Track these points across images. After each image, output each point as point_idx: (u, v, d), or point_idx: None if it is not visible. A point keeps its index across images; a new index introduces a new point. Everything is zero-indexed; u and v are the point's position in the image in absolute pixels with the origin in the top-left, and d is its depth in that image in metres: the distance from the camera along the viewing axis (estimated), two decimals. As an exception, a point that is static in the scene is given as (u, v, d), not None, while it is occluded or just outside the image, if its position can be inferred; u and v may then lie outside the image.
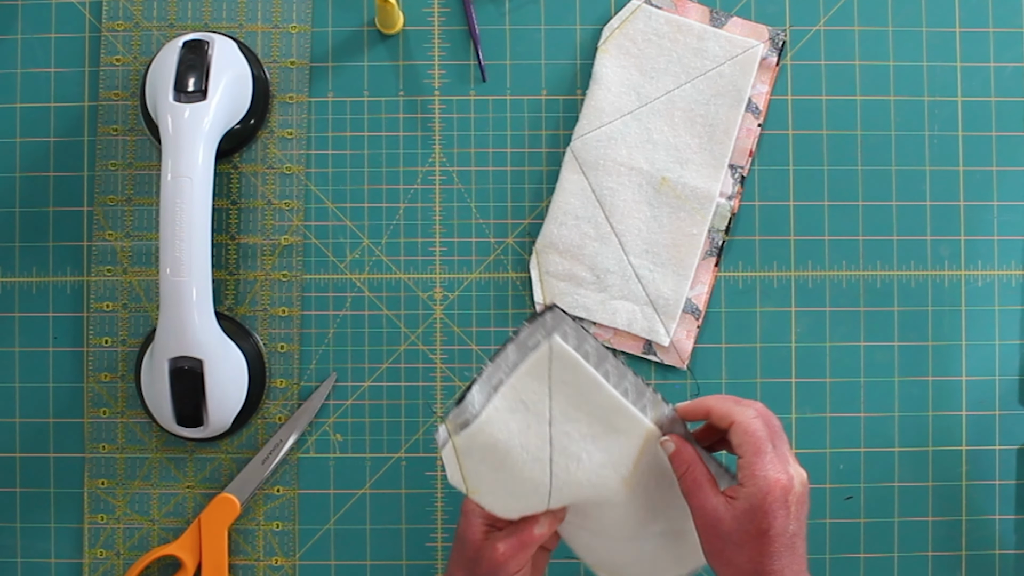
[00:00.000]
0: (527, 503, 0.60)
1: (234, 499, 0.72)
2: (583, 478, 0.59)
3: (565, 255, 0.73)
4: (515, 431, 0.59)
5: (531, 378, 0.59)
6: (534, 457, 0.59)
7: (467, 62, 0.75)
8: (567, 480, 0.59)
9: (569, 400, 0.59)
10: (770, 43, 0.74)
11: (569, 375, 0.59)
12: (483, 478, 0.60)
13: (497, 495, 0.60)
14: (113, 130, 0.74)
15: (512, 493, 0.60)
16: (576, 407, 0.59)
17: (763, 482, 0.56)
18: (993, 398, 0.74)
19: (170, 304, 0.66)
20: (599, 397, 0.59)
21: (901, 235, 0.74)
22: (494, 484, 0.60)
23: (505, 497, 0.60)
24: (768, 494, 0.56)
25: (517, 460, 0.59)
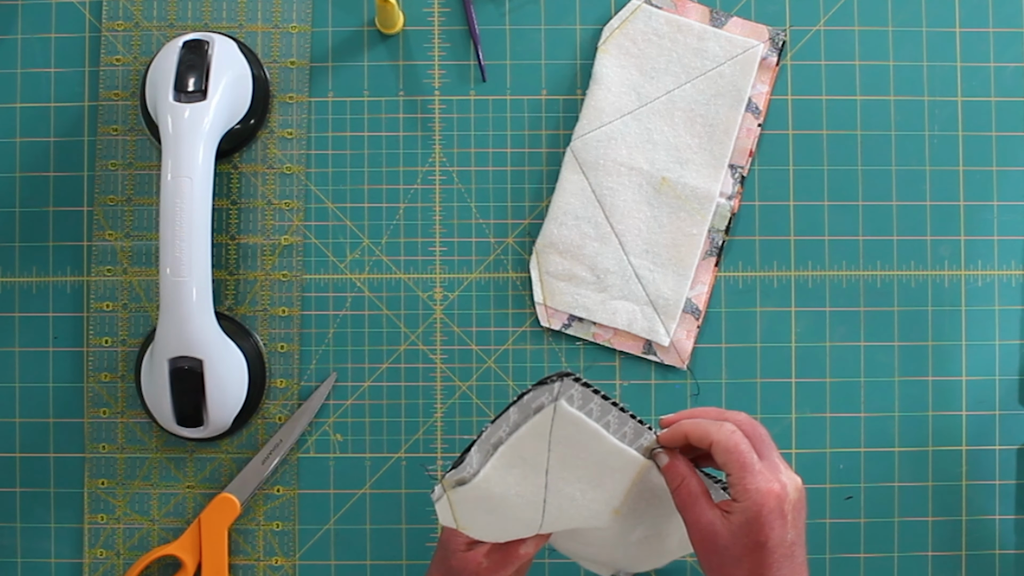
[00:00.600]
0: (517, 533, 0.61)
1: (234, 499, 0.72)
2: (575, 513, 0.59)
3: (565, 255, 0.73)
4: (511, 483, 0.58)
5: (532, 437, 0.58)
6: (528, 502, 0.59)
7: (467, 62, 0.75)
8: (559, 516, 0.59)
9: (568, 451, 0.58)
10: (770, 43, 0.74)
11: (571, 430, 0.58)
12: (476, 520, 0.59)
13: (489, 530, 0.60)
14: (113, 130, 0.74)
15: (504, 529, 0.60)
16: (575, 456, 0.58)
17: (756, 495, 0.55)
18: (993, 398, 0.74)
19: (170, 304, 0.66)
20: (599, 446, 0.58)
21: (901, 235, 0.74)
22: (486, 524, 0.60)
23: (497, 531, 0.60)
24: (763, 506, 0.55)
25: (512, 505, 0.59)
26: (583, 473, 0.59)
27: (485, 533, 0.60)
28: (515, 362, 0.74)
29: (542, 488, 0.59)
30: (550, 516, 0.59)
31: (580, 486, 0.59)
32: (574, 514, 0.59)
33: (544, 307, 0.73)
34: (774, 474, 0.56)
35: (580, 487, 0.59)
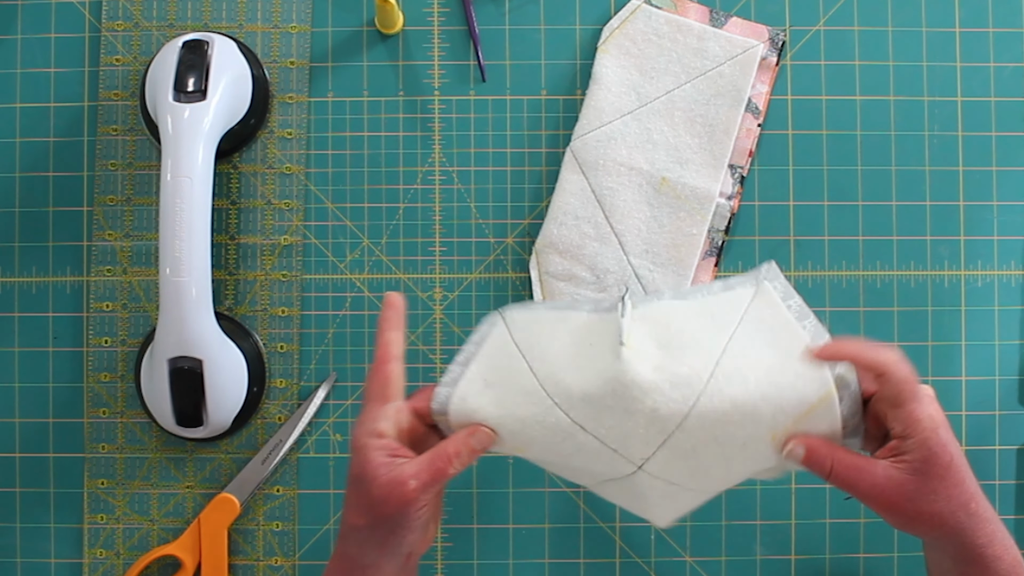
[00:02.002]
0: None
1: (234, 499, 0.72)
2: (735, 396, 0.54)
3: (565, 255, 0.73)
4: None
5: (727, 303, 0.57)
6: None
7: (467, 62, 0.75)
8: (712, 405, 0.55)
9: (755, 329, 0.56)
10: (770, 43, 0.74)
11: (767, 316, 0.57)
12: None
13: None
14: (113, 130, 0.74)
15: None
16: (760, 335, 0.56)
17: (929, 421, 0.54)
18: (993, 398, 0.74)
19: (170, 304, 0.66)
20: (788, 337, 0.56)
21: (901, 235, 0.74)
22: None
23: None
24: (937, 429, 0.54)
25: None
26: (764, 359, 0.55)
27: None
28: (515, 362, 0.74)
29: (716, 355, 0.56)
30: (717, 382, 0.55)
31: (754, 373, 0.55)
32: (733, 398, 0.55)
33: (544, 307, 0.73)
34: (927, 396, 0.55)
35: (755, 375, 0.55)
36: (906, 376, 0.55)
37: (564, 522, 0.73)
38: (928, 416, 0.54)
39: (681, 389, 0.55)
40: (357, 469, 0.56)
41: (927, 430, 0.54)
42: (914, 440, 0.54)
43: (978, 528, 0.55)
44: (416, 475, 0.55)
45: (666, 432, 0.55)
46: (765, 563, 0.73)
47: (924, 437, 0.54)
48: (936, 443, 0.54)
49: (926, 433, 0.54)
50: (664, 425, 0.55)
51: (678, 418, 0.55)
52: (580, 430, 0.56)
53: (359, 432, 0.57)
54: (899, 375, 0.55)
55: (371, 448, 0.56)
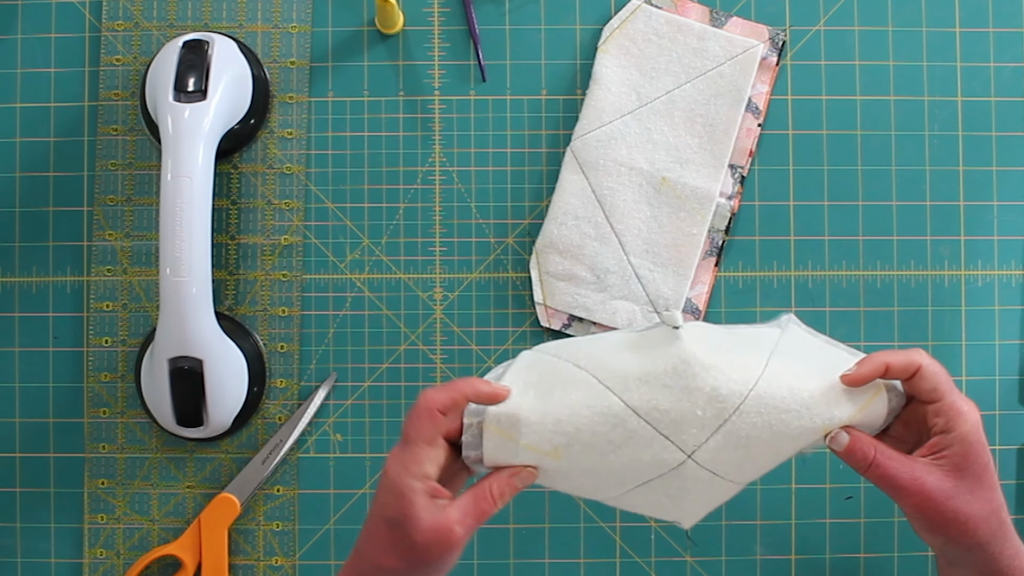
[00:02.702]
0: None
1: (234, 499, 0.72)
2: (792, 385, 0.54)
3: (565, 255, 0.73)
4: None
5: (761, 335, 0.58)
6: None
7: (467, 62, 0.75)
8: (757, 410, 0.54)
9: (794, 350, 0.57)
10: (770, 43, 0.74)
11: (800, 344, 0.57)
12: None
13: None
14: (113, 130, 0.74)
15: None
16: (800, 353, 0.57)
17: (971, 415, 0.53)
18: (993, 398, 0.74)
19: (170, 304, 0.66)
20: (825, 355, 0.57)
21: (901, 235, 0.74)
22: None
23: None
24: (975, 425, 0.53)
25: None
26: (801, 370, 0.55)
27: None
28: (515, 362, 0.74)
29: (758, 372, 0.55)
30: (773, 370, 0.55)
31: (794, 381, 0.55)
32: (772, 401, 0.54)
33: (544, 307, 0.73)
34: (962, 393, 0.55)
35: (795, 382, 0.55)
36: (939, 370, 0.54)
37: (564, 522, 0.73)
38: (969, 410, 0.54)
39: (740, 372, 0.54)
40: (396, 512, 0.53)
41: (969, 423, 0.53)
42: (956, 434, 0.53)
43: (1007, 539, 0.55)
44: (461, 520, 0.53)
45: (724, 415, 0.54)
46: (765, 563, 0.73)
47: (966, 431, 0.53)
48: (977, 439, 0.53)
49: (968, 427, 0.53)
50: (723, 407, 0.54)
51: (737, 399, 0.54)
52: (633, 415, 0.55)
53: (400, 472, 0.54)
54: (933, 369, 0.54)
55: (416, 491, 0.53)
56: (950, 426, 0.54)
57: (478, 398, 0.55)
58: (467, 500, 0.54)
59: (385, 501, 0.54)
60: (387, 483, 0.54)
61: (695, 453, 0.55)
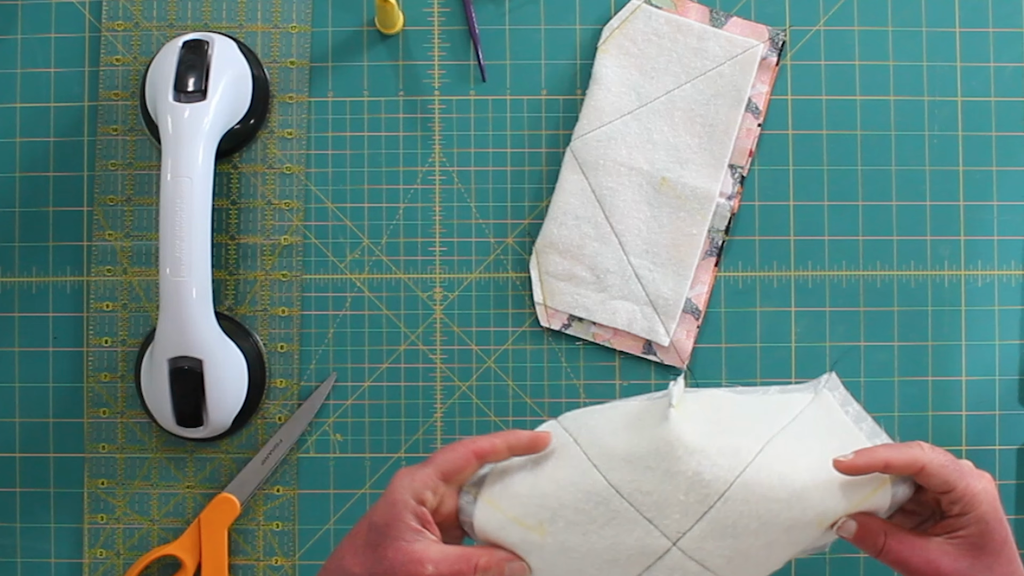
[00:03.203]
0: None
1: (234, 499, 0.72)
2: (784, 473, 0.53)
3: (565, 255, 0.73)
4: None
5: (785, 404, 0.57)
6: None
7: (467, 62, 0.75)
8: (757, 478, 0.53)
9: (811, 426, 0.56)
10: (770, 43, 0.74)
11: (823, 417, 0.57)
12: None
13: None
14: (113, 130, 0.74)
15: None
16: (815, 431, 0.56)
17: (985, 495, 0.53)
18: (993, 398, 0.74)
19: (170, 304, 0.66)
20: (844, 434, 0.56)
21: (901, 235, 0.74)
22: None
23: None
24: (993, 503, 0.53)
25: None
26: (815, 448, 0.54)
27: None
28: (515, 362, 0.74)
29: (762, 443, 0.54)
30: (766, 457, 0.53)
31: (803, 459, 0.54)
32: (776, 482, 0.53)
33: (544, 307, 0.73)
34: (975, 471, 0.54)
35: (802, 460, 0.54)
36: (943, 461, 0.54)
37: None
38: (984, 490, 0.54)
39: (728, 458, 0.53)
40: (382, 519, 0.54)
41: (985, 503, 0.53)
42: (973, 515, 0.53)
43: None
44: (437, 564, 0.53)
45: (708, 502, 0.52)
46: (765, 563, 0.73)
47: (983, 512, 0.53)
48: (994, 518, 0.54)
49: (984, 508, 0.53)
50: (706, 493, 0.52)
51: (721, 486, 0.52)
52: (615, 495, 0.54)
53: (403, 486, 0.54)
54: (937, 463, 0.54)
55: (408, 508, 0.54)
56: (966, 510, 0.53)
57: (518, 446, 0.56)
58: (452, 551, 0.54)
59: (378, 506, 0.54)
60: (388, 492, 0.54)
61: (680, 541, 0.53)
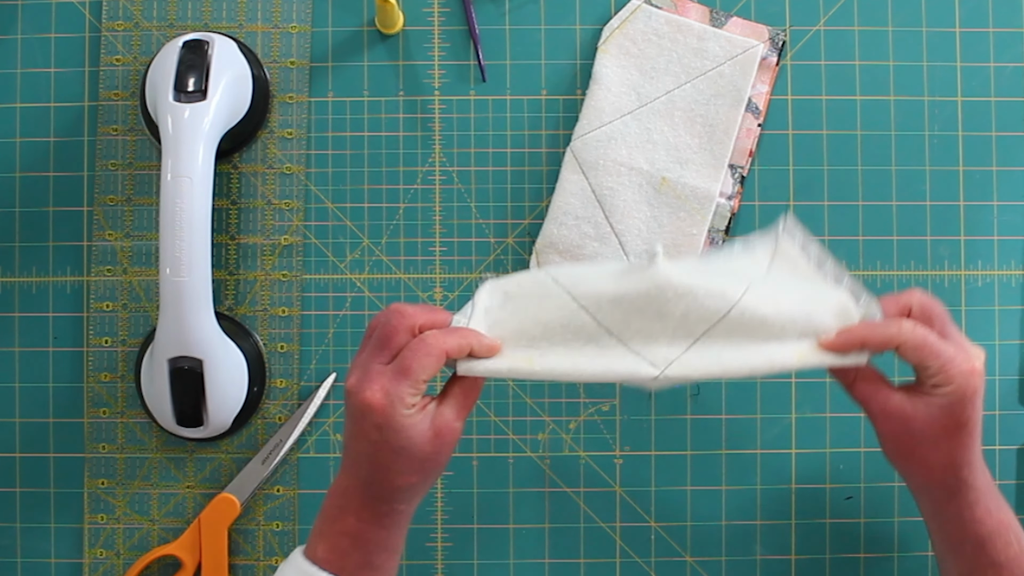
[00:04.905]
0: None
1: (234, 499, 0.72)
2: (766, 315, 0.56)
3: (565, 255, 0.73)
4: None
5: (749, 259, 0.60)
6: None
7: (467, 62, 0.75)
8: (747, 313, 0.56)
9: (782, 278, 0.59)
10: (770, 43, 0.74)
11: (789, 265, 0.59)
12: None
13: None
14: (113, 130, 0.74)
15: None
16: (787, 281, 0.58)
17: (961, 378, 0.54)
18: (993, 398, 0.74)
19: (170, 304, 0.66)
20: (813, 285, 0.59)
21: (901, 235, 0.74)
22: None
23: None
24: (967, 387, 0.54)
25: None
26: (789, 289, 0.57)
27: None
28: (515, 362, 0.74)
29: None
30: (750, 299, 0.56)
31: (784, 297, 0.57)
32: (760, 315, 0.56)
33: (544, 307, 0.73)
34: (966, 352, 0.55)
35: (784, 299, 0.57)
36: (920, 342, 0.55)
37: (564, 522, 0.73)
38: (960, 373, 0.54)
39: (715, 299, 0.55)
40: (401, 441, 0.54)
41: (959, 388, 0.54)
42: (945, 390, 0.55)
43: (956, 498, 0.56)
44: (458, 416, 0.55)
45: (694, 336, 0.56)
46: (765, 563, 0.73)
47: (954, 390, 0.54)
48: (962, 400, 0.54)
49: (958, 389, 0.54)
50: (693, 330, 0.56)
51: (707, 325, 0.56)
52: (606, 333, 0.57)
53: (395, 406, 0.53)
54: (912, 343, 0.55)
55: (415, 420, 0.54)
56: (940, 382, 0.55)
57: (479, 352, 0.56)
58: (456, 395, 0.56)
59: (384, 436, 0.54)
60: (376, 419, 0.54)
61: (667, 369, 0.56)
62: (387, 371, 0.54)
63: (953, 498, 0.57)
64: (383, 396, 0.53)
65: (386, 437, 0.54)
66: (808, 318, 0.56)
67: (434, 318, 0.56)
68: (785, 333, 0.56)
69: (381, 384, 0.54)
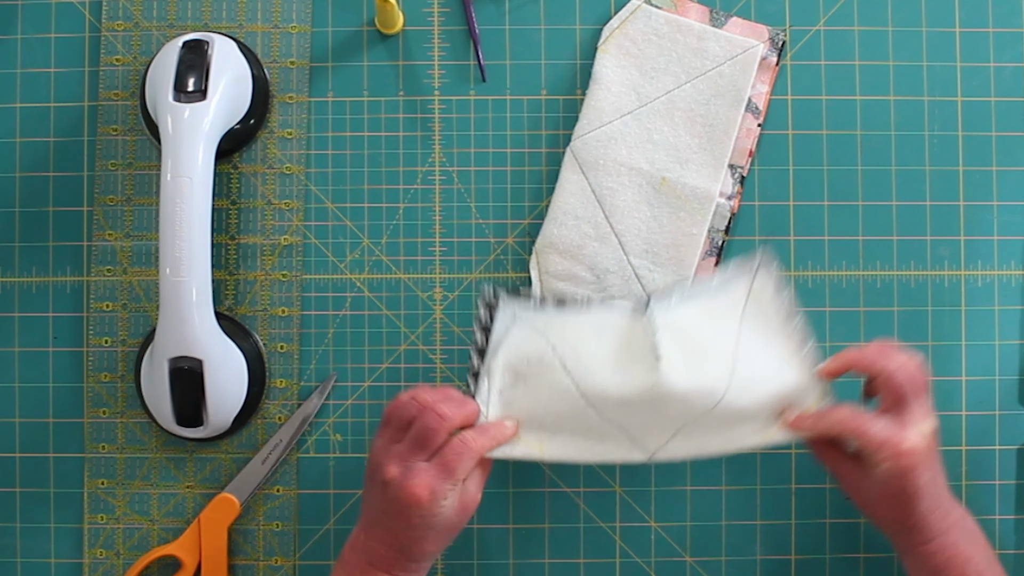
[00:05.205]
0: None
1: (234, 499, 0.72)
2: (743, 407, 0.64)
3: (565, 255, 0.73)
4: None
5: (728, 299, 0.67)
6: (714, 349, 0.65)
7: (467, 62, 0.75)
8: (736, 385, 0.64)
9: (755, 330, 0.66)
10: (770, 43, 0.74)
11: (761, 324, 0.66)
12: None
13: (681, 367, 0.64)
14: (113, 130, 0.74)
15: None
16: (759, 337, 0.66)
17: (893, 459, 0.60)
18: (993, 398, 0.74)
19: (170, 304, 0.66)
20: (782, 343, 0.66)
21: (901, 235, 0.74)
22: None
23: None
24: (899, 467, 0.60)
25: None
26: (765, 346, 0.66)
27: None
28: (515, 362, 0.74)
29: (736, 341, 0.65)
30: (732, 392, 0.64)
31: (761, 355, 0.65)
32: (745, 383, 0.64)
33: (544, 307, 0.73)
34: (902, 432, 0.60)
35: (760, 360, 0.65)
36: (852, 429, 0.61)
37: (564, 522, 0.73)
38: (891, 455, 0.60)
39: (704, 399, 0.63)
40: (432, 522, 0.61)
41: (891, 468, 0.60)
42: (881, 469, 0.61)
43: (915, 535, 0.62)
44: (479, 488, 0.63)
45: (683, 426, 0.64)
46: (765, 563, 0.73)
47: (885, 470, 0.61)
48: (897, 477, 0.60)
49: (889, 469, 0.60)
50: (684, 420, 0.64)
51: (694, 418, 0.64)
52: (608, 424, 0.65)
53: (437, 499, 0.60)
54: (848, 432, 0.62)
55: (442, 507, 0.61)
56: (877, 462, 0.61)
57: (503, 439, 0.64)
58: (476, 473, 0.63)
59: (423, 520, 0.61)
60: (422, 511, 0.60)
61: (656, 453, 0.65)
62: (431, 469, 0.61)
63: (906, 537, 0.63)
64: (428, 493, 0.60)
65: (426, 522, 0.61)
66: (775, 400, 0.64)
67: (465, 413, 0.63)
68: (755, 419, 0.64)
69: (425, 481, 0.60)
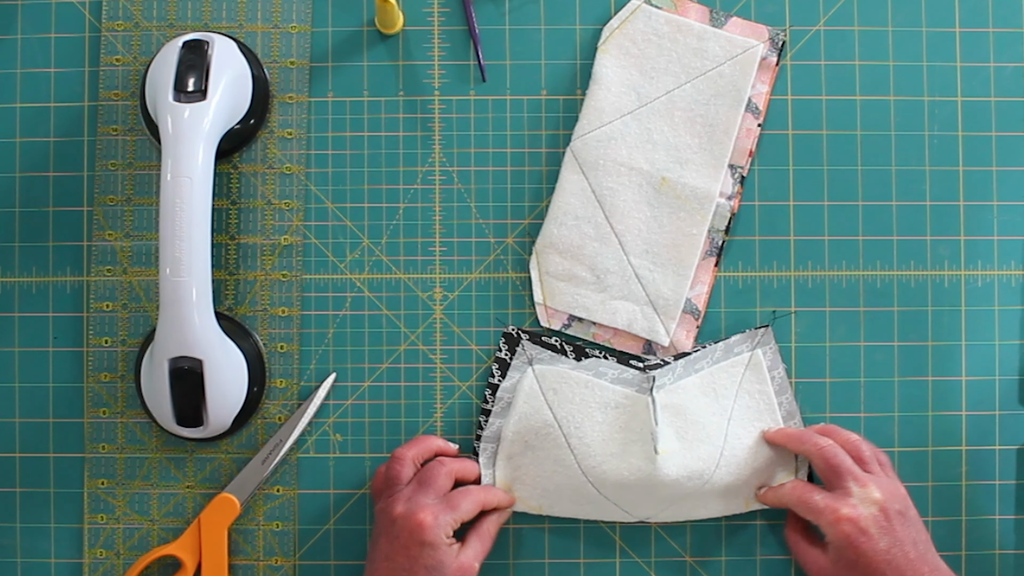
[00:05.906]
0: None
1: (234, 499, 0.72)
2: (727, 484, 0.71)
3: (565, 255, 0.73)
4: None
5: (726, 373, 0.72)
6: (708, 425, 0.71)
7: (467, 62, 0.75)
8: (726, 459, 0.70)
9: (747, 408, 0.72)
10: (770, 43, 0.74)
11: (756, 385, 0.72)
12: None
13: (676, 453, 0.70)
14: (113, 130, 0.74)
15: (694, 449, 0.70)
16: (750, 414, 0.72)
17: (831, 527, 0.65)
18: (993, 398, 0.74)
19: (170, 304, 0.66)
20: (770, 419, 0.72)
21: (901, 235, 0.74)
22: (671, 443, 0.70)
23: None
24: (838, 534, 0.65)
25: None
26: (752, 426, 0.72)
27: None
28: (515, 362, 0.74)
29: (727, 420, 0.71)
30: (719, 472, 0.70)
31: (750, 435, 0.72)
32: (735, 458, 0.71)
33: (544, 307, 0.73)
34: (838, 502, 0.65)
35: (749, 440, 0.72)
36: (796, 502, 0.67)
37: (564, 522, 0.73)
38: (828, 523, 0.65)
39: (694, 481, 0.69)
40: (432, 561, 0.64)
41: (836, 540, 0.65)
42: (829, 544, 0.66)
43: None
44: (476, 558, 0.66)
45: (674, 501, 0.71)
46: (765, 563, 0.73)
47: (831, 543, 0.65)
48: (843, 548, 0.65)
49: (834, 541, 0.65)
50: (675, 499, 0.71)
51: (686, 493, 0.70)
52: (606, 500, 0.70)
53: (439, 533, 0.65)
54: (795, 505, 0.68)
55: (449, 546, 0.65)
56: (823, 532, 0.67)
57: (503, 507, 0.71)
58: (475, 541, 0.67)
59: (424, 553, 0.64)
60: (425, 537, 0.64)
61: (646, 520, 0.72)
62: (436, 503, 0.66)
63: None
64: (433, 519, 0.64)
65: (426, 553, 0.64)
66: (755, 475, 0.71)
67: (462, 464, 0.70)
68: (738, 494, 0.71)
69: (431, 510, 0.65)
